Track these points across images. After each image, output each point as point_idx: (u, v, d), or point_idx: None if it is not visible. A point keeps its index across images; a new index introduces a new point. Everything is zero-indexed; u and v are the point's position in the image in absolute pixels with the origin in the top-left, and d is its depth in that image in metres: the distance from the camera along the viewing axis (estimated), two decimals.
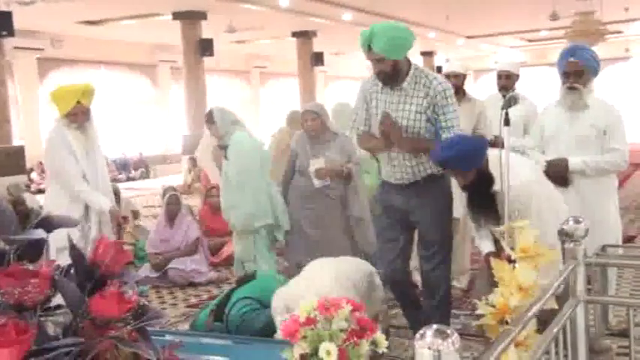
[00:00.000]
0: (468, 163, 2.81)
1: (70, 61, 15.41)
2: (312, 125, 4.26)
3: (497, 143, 4.58)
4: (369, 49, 3.02)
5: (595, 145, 3.34)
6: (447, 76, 4.58)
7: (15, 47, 13.06)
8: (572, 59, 3.34)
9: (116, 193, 6.19)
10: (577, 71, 3.32)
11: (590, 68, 3.33)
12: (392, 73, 3.08)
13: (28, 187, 8.80)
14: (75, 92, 3.66)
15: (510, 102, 2.92)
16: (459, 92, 4.50)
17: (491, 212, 2.86)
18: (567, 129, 3.38)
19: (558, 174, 3.40)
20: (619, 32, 18.18)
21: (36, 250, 1.22)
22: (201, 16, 12.84)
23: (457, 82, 4.58)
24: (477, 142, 2.95)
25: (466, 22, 16.54)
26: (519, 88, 4.89)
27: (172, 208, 5.60)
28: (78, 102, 3.62)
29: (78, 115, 3.65)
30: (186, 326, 4.25)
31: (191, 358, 1.78)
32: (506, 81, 4.70)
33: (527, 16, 15.52)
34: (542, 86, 21.63)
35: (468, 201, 2.93)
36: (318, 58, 16.85)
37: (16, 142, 11.04)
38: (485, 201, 2.86)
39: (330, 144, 4.31)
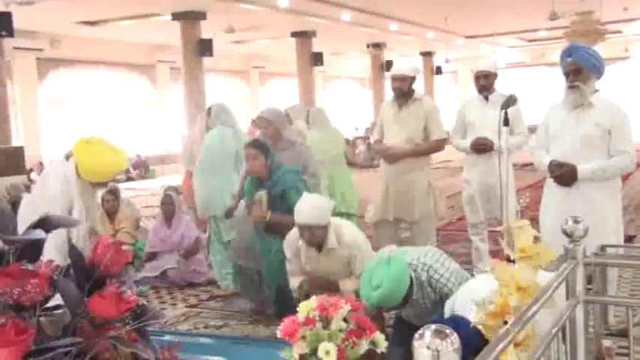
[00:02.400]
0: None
1: (69, 62, 15.40)
2: (266, 133, 4.12)
3: (481, 144, 4.57)
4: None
5: (600, 144, 3.32)
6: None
7: (14, 47, 13.06)
8: (569, 59, 3.35)
9: (114, 192, 6.21)
10: (575, 70, 3.33)
11: (589, 66, 3.32)
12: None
13: (27, 187, 8.77)
14: (113, 169, 3.30)
15: (509, 102, 2.93)
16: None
17: None
18: (572, 128, 3.37)
19: (565, 182, 3.40)
20: (618, 32, 18.18)
21: (35, 250, 1.22)
22: (201, 16, 12.84)
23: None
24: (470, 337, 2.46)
25: (465, 22, 16.54)
26: (516, 87, 4.90)
27: (167, 208, 5.61)
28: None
29: (106, 184, 3.59)
30: (185, 326, 4.26)
31: (191, 358, 1.78)
32: (485, 81, 4.64)
33: (526, 16, 15.51)
34: (541, 86, 21.65)
35: None
36: (317, 58, 16.84)
37: (14, 142, 11.03)
38: None
39: (285, 153, 4.15)
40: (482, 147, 4.53)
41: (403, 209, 4.54)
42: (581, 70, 3.32)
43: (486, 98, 4.57)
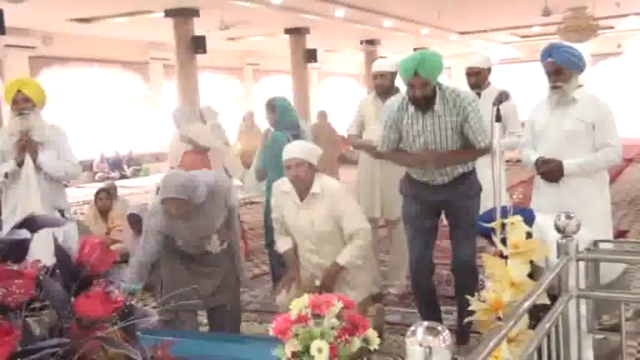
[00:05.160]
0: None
1: (61, 59, 15.32)
2: (179, 213, 3.24)
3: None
4: (414, 74, 3.21)
5: (585, 139, 3.35)
6: (374, 77, 4.58)
7: (6, 45, 12.99)
8: (549, 59, 3.40)
9: (108, 191, 6.19)
10: (556, 70, 3.37)
11: (569, 64, 3.37)
12: (432, 96, 3.28)
13: None
14: (17, 82, 4.05)
15: (502, 98, 2.93)
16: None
17: None
18: (557, 124, 3.40)
19: (552, 178, 3.42)
20: (611, 28, 18.21)
21: (20, 250, 1.21)
22: (194, 13, 12.79)
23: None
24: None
25: (458, 19, 16.54)
26: (510, 83, 4.89)
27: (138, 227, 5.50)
28: (18, 90, 3.91)
29: (19, 103, 3.90)
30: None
31: (184, 355, 1.78)
32: (477, 77, 4.64)
33: (519, 12, 15.52)
34: (534, 82, 21.67)
35: None
36: (311, 55, 16.80)
37: None
38: None
39: (200, 212, 3.32)
40: None
41: (388, 207, 4.52)
42: (562, 69, 3.36)
43: (478, 95, 4.56)
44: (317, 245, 3.44)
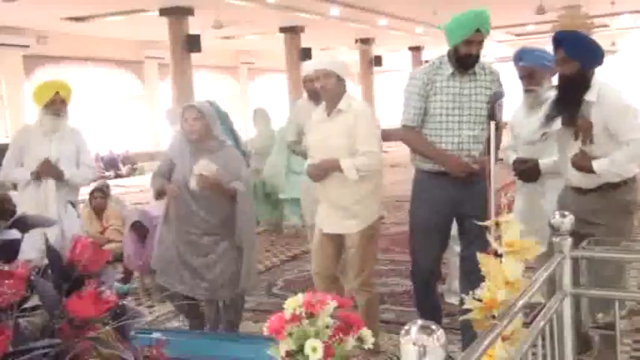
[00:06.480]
0: (576, 51, 2.89)
1: (56, 58, 15.28)
2: (195, 126, 3.42)
3: None
4: (476, 31, 3.16)
5: None
6: (304, 82, 4.38)
7: (0, 44, 12.95)
8: (520, 64, 3.45)
9: (103, 190, 6.17)
10: (529, 74, 3.42)
11: (541, 67, 3.40)
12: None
13: (14, 185, 8.66)
14: (54, 84, 4.26)
15: (496, 96, 2.94)
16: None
17: (570, 116, 2.97)
18: (533, 127, 3.44)
19: (529, 177, 3.46)
20: (605, 26, 18.26)
21: (11, 250, 1.20)
22: (188, 11, 12.77)
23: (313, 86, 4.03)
24: (597, 46, 2.98)
25: None
26: (505, 82, 4.85)
27: (140, 231, 5.42)
28: (56, 92, 4.12)
29: (56, 103, 4.09)
30: (175, 324, 4.24)
31: (179, 355, 1.77)
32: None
33: (514, 11, 15.55)
34: None
35: (556, 98, 3.03)
36: (306, 54, 16.81)
37: (1, 140, 10.95)
38: (571, 104, 2.94)
39: (215, 155, 3.47)
40: None
41: None
42: (533, 73, 3.40)
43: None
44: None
